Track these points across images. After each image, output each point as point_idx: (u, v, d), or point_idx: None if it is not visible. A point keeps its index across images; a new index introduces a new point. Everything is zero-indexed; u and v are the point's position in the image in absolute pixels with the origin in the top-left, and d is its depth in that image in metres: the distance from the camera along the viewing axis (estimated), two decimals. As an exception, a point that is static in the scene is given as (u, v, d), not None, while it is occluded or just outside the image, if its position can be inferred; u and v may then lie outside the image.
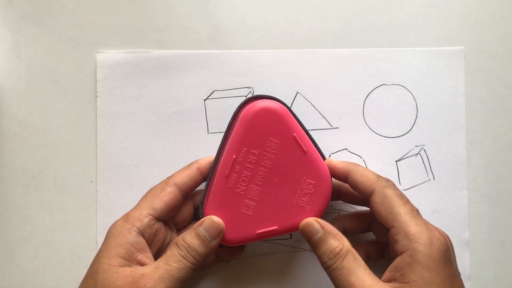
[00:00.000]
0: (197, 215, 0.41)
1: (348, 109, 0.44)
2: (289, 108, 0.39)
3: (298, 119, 0.39)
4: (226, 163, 0.38)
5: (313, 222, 0.36)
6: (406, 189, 0.44)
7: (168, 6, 0.45)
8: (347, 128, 0.44)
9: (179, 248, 0.36)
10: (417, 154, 0.44)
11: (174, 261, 0.35)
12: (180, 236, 0.36)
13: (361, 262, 0.35)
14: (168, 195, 0.38)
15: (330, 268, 0.35)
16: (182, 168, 0.40)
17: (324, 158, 0.39)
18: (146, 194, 0.39)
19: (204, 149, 0.44)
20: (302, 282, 0.44)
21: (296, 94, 0.44)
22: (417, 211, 0.36)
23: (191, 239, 0.36)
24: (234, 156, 0.37)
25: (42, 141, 0.44)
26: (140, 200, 0.39)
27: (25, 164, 0.44)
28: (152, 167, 0.44)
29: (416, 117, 0.45)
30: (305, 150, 0.38)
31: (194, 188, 0.40)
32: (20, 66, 0.44)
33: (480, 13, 0.46)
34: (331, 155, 0.44)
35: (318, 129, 0.44)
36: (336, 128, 0.44)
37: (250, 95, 0.44)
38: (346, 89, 0.45)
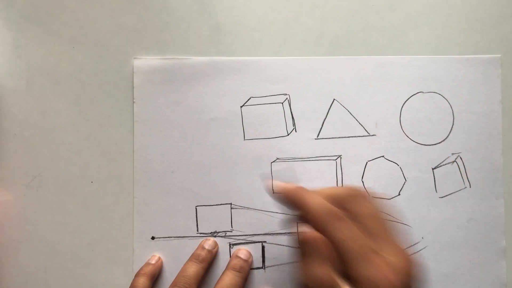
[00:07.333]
0: None
1: (385, 117, 0.44)
2: None
3: None
4: None
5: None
6: (442, 197, 0.44)
7: (168, 7, 0.45)
8: (384, 135, 0.44)
9: None
10: (453, 161, 0.44)
11: None
12: None
13: None
14: None
15: None
16: None
17: None
18: None
19: (240, 155, 0.44)
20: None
21: (333, 101, 0.44)
22: None
23: None
24: None
25: (42, 141, 0.44)
26: None
27: (26, 164, 0.44)
28: (189, 173, 0.44)
29: (453, 124, 0.45)
30: None
31: None
32: (20, 67, 0.44)
33: (516, 20, 0.46)
34: (368, 162, 0.44)
35: (355, 136, 0.44)
36: (373, 135, 0.44)
37: (286, 102, 0.44)
38: (383, 97, 0.45)
